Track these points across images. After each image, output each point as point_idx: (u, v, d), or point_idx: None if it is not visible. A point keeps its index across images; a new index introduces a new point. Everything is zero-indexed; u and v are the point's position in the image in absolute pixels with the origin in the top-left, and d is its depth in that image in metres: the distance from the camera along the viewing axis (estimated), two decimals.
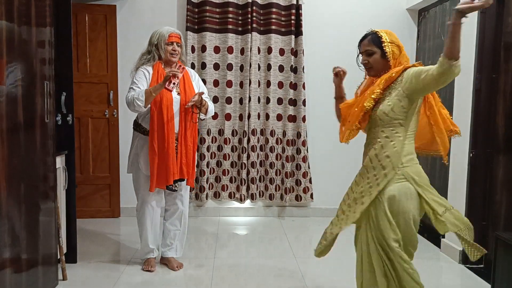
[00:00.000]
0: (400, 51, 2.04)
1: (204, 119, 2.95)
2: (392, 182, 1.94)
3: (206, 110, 2.94)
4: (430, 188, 2.01)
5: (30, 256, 2.33)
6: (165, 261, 3.10)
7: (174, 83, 2.80)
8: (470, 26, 3.22)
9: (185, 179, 2.95)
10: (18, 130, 2.18)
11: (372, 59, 2.05)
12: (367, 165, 2.02)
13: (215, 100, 4.26)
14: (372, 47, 2.04)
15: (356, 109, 2.04)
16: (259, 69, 4.27)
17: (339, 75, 2.33)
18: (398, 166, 1.94)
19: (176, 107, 2.84)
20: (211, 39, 4.20)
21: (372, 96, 1.98)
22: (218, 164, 4.37)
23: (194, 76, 3.06)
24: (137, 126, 2.95)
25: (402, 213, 1.94)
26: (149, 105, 2.79)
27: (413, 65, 1.97)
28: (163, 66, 2.90)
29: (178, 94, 2.87)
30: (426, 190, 1.98)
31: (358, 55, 2.16)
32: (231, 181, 4.39)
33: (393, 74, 1.96)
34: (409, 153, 1.99)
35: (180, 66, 2.89)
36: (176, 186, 2.94)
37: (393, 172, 1.94)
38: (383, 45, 2.01)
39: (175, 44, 2.87)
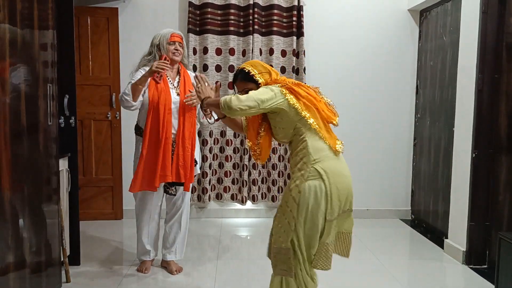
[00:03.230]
0: (270, 75, 2.14)
1: (212, 123, 2.87)
2: None
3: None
4: None
5: (34, 258, 2.33)
6: (164, 264, 3.09)
7: (161, 76, 2.79)
8: (472, 26, 3.22)
9: (183, 184, 2.90)
10: (22, 133, 2.19)
11: None
12: None
13: None
14: (247, 84, 2.13)
15: (248, 145, 2.20)
16: None
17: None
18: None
19: (175, 108, 2.84)
20: (212, 41, 4.21)
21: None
22: (220, 165, 4.37)
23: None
24: (137, 129, 2.94)
25: None
26: (146, 107, 2.78)
27: (266, 84, 2.11)
28: None
29: (178, 95, 2.86)
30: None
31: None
32: (233, 182, 4.39)
33: None
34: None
35: (166, 58, 2.82)
36: (173, 190, 2.93)
37: None
38: (254, 78, 2.10)
39: (177, 43, 2.87)
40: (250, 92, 2.01)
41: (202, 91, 2.18)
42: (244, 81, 2.13)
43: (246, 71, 2.12)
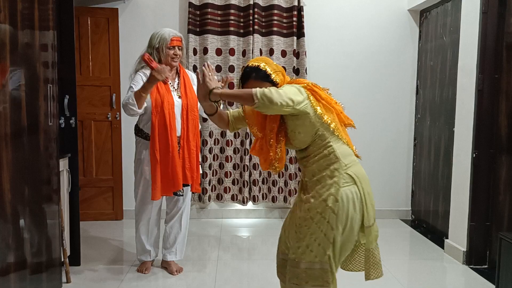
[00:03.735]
0: (283, 74, 1.93)
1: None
2: None
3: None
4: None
5: (34, 259, 2.33)
6: (165, 265, 3.09)
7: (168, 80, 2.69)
8: (472, 26, 3.23)
9: (190, 185, 2.92)
10: (22, 134, 2.19)
11: None
12: None
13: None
14: (263, 84, 1.86)
15: (271, 154, 1.91)
16: None
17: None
18: None
19: (177, 111, 2.83)
20: (212, 41, 4.21)
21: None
22: (221, 166, 4.37)
23: (195, 80, 3.02)
24: (138, 131, 2.92)
25: None
26: (149, 110, 2.76)
27: (288, 83, 1.92)
28: None
29: (179, 97, 2.86)
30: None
31: None
32: (233, 183, 4.39)
33: None
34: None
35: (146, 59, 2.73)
36: (181, 191, 2.92)
37: None
38: (271, 78, 1.87)
39: (176, 48, 2.84)
40: (282, 88, 1.77)
41: (211, 79, 1.86)
42: (259, 80, 1.87)
43: (263, 69, 1.87)
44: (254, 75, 1.88)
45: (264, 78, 1.87)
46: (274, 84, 1.87)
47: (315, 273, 1.84)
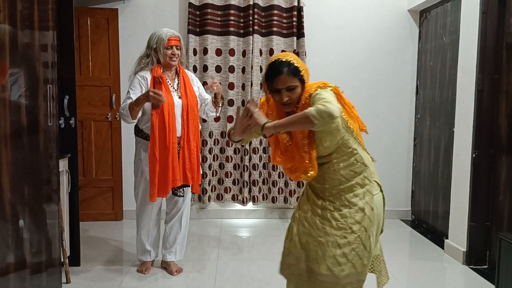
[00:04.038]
0: (307, 73, 1.81)
1: (213, 116, 3.08)
2: None
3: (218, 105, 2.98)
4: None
5: (34, 259, 2.33)
6: (165, 265, 3.09)
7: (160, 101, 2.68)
8: (472, 26, 3.23)
9: (190, 185, 2.92)
10: (22, 134, 2.19)
11: (295, 94, 1.75)
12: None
13: None
14: (294, 80, 1.73)
15: (307, 161, 1.79)
16: (261, 71, 4.27)
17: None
18: None
19: (178, 111, 2.83)
20: (212, 41, 4.21)
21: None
22: (221, 166, 4.37)
23: (195, 80, 3.04)
24: (138, 131, 2.93)
25: None
26: (149, 110, 2.76)
27: (318, 87, 1.77)
28: (161, 70, 2.86)
29: (180, 98, 2.86)
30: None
31: (266, 92, 1.81)
32: (233, 183, 4.39)
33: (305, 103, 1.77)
34: None
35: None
36: (181, 191, 2.92)
37: None
38: (301, 74, 1.74)
39: (174, 47, 2.83)
40: (323, 97, 1.66)
41: (259, 115, 1.72)
42: (291, 75, 1.72)
43: (295, 65, 1.73)
44: (287, 70, 1.72)
45: (296, 73, 1.73)
46: (302, 81, 1.75)
47: (353, 285, 1.79)
